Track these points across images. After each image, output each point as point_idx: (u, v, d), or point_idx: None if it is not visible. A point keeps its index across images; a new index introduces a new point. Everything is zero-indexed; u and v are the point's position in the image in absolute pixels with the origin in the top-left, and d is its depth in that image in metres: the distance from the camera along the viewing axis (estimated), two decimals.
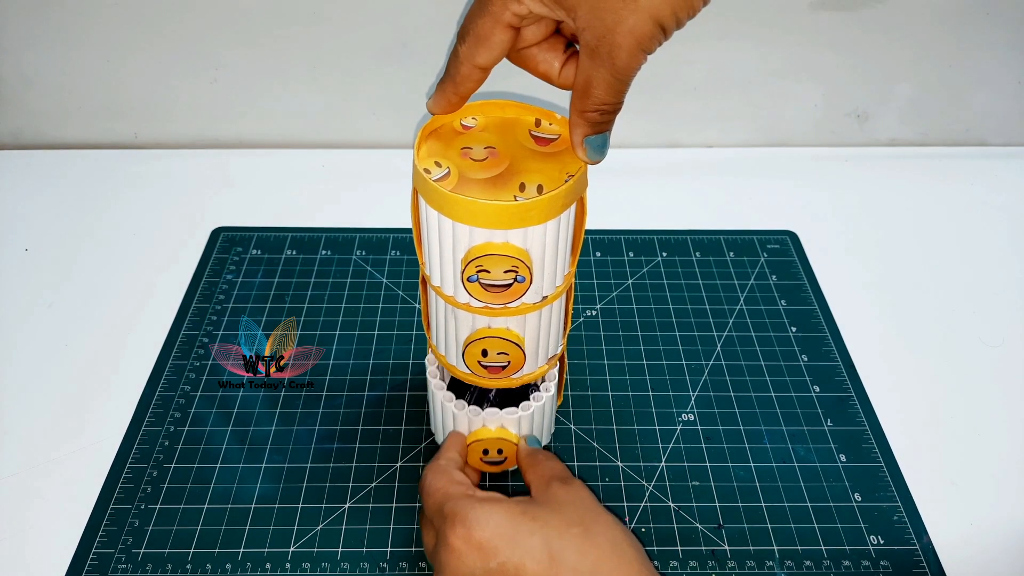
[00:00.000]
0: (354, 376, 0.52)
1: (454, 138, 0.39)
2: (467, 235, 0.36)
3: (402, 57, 0.66)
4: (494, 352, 0.40)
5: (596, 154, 0.36)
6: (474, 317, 0.39)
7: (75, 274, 0.59)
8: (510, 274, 0.37)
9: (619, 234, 0.62)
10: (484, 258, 0.36)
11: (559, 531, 0.36)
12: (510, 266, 0.36)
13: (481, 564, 0.35)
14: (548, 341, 0.42)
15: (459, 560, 0.35)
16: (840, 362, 0.53)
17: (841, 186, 0.68)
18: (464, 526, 0.36)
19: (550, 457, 0.42)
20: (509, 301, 0.38)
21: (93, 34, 0.65)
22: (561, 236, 0.38)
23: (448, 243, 0.37)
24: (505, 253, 0.36)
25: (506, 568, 0.35)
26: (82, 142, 0.71)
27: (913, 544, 0.44)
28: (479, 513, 0.36)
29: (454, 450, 0.43)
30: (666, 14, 0.32)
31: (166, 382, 0.51)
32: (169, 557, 0.42)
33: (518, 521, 0.36)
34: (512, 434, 0.44)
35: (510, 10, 0.34)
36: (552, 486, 0.39)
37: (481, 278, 0.37)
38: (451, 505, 0.37)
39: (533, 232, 0.36)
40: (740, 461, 0.47)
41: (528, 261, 0.37)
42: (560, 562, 0.35)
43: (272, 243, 0.61)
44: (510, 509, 0.36)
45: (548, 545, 0.35)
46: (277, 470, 0.46)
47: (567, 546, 0.35)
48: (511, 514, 0.36)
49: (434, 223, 0.37)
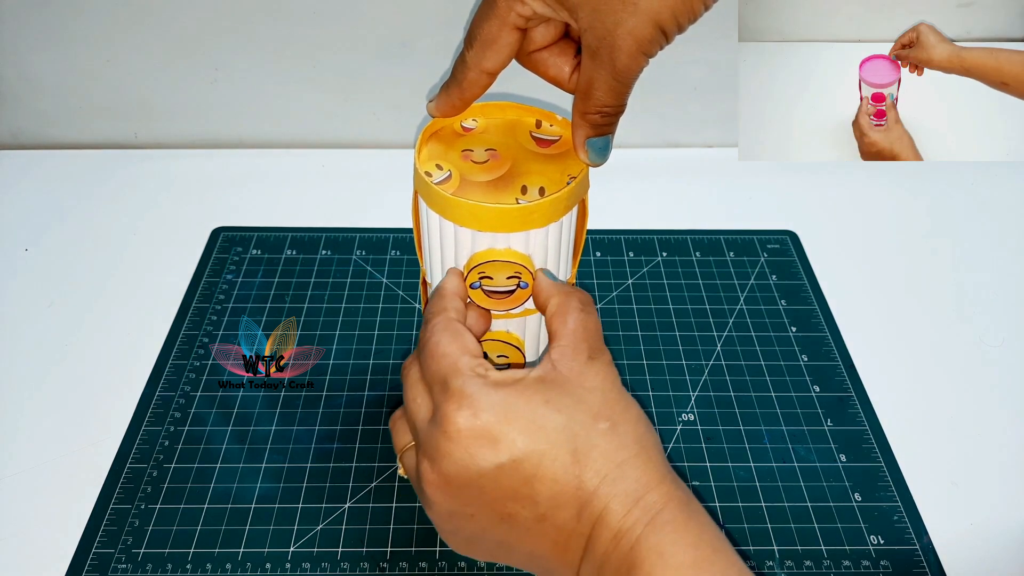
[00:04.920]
0: (354, 376, 0.52)
1: (455, 140, 0.39)
2: (469, 241, 0.36)
3: (402, 57, 0.66)
4: (494, 355, 0.40)
5: (598, 156, 0.36)
6: None
7: (75, 274, 0.59)
8: (513, 280, 0.36)
9: (619, 234, 0.62)
10: (487, 264, 0.36)
11: (585, 426, 0.31)
12: (513, 272, 0.36)
13: (491, 457, 0.30)
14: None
15: (463, 449, 0.30)
16: (840, 362, 0.53)
17: (841, 186, 0.68)
18: (472, 409, 0.30)
19: (585, 304, 0.35)
20: (512, 307, 0.38)
21: (93, 34, 0.65)
22: (564, 239, 0.37)
23: (450, 250, 0.37)
24: (508, 259, 0.36)
25: (521, 466, 0.30)
26: (82, 142, 0.71)
27: (913, 544, 0.44)
28: (493, 398, 0.31)
29: (459, 296, 0.36)
30: (666, 17, 0.32)
31: (166, 382, 0.51)
32: (169, 557, 0.42)
33: (539, 412, 0.31)
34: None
35: (515, 11, 0.34)
36: (579, 358, 0.33)
37: (484, 285, 0.37)
38: (460, 381, 0.31)
39: (535, 236, 0.36)
40: (740, 461, 0.47)
41: (531, 266, 0.36)
42: (584, 463, 0.30)
43: (272, 243, 0.61)
44: (530, 397, 0.31)
45: (572, 442, 0.30)
46: (277, 470, 0.46)
47: (593, 444, 0.31)
48: (531, 402, 0.31)
49: (435, 229, 0.37)
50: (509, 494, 0.31)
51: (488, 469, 0.30)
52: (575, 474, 0.30)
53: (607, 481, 0.30)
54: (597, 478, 0.30)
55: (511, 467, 0.30)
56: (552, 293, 0.35)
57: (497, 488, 0.31)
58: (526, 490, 0.30)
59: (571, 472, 0.30)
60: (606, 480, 0.30)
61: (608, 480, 0.30)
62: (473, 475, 0.30)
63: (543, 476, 0.30)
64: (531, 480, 0.30)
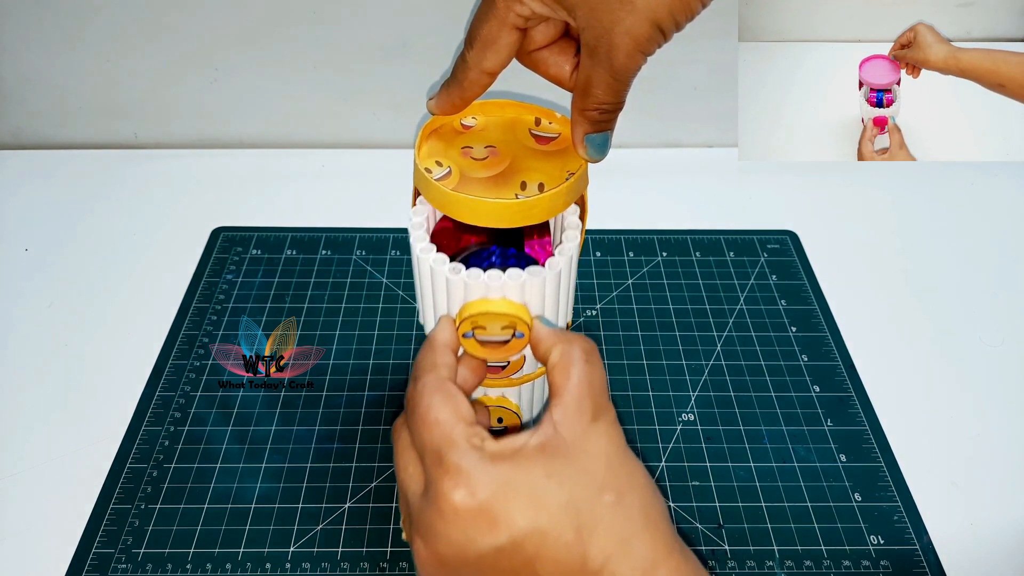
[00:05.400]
0: (354, 376, 0.52)
1: (455, 137, 0.39)
2: (461, 290, 0.35)
3: (402, 57, 0.66)
4: (492, 419, 0.40)
5: (597, 152, 0.36)
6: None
7: (75, 274, 0.59)
8: (508, 330, 0.35)
9: (619, 234, 0.62)
10: (479, 315, 0.34)
11: (589, 500, 0.29)
12: (507, 323, 0.35)
13: (489, 539, 0.28)
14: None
15: (459, 531, 0.28)
16: (840, 362, 0.53)
17: (841, 186, 0.68)
18: (468, 487, 0.28)
19: (589, 353, 0.32)
20: (508, 356, 0.36)
21: (93, 34, 0.65)
22: (562, 286, 0.36)
23: (442, 298, 0.35)
24: (502, 311, 0.34)
25: (522, 547, 0.28)
26: (82, 142, 0.71)
27: (913, 544, 0.44)
28: (491, 474, 0.28)
29: (451, 350, 0.34)
30: (663, 15, 0.31)
31: (166, 382, 0.51)
32: (169, 557, 0.42)
33: (540, 486, 0.29)
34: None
35: (513, 11, 0.34)
36: (583, 419, 0.30)
37: (477, 334, 0.35)
38: (455, 456, 0.29)
39: (531, 285, 0.34)
40: (740, 461, 0.47)
41: (527, 317, 0.34)
42: (588, 540, 0.28)
43: (272, 243, 0.61)
44: (530, 470, 0.29)
45: (575, 518, 0.28)
46: (277, 470, 0.46)
47: (598, 520, 0.29)
48: (532, 476, 0.29)
49: (427, 277, 0.36)
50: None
51: (487, 551, 0.28)
52: (579, 552, 0.28)
53: (613, 559, 0.29)
54: (602, 556, 0.28)
55: (511, 549, 0.28)
56: (553, 343, 0.33)
57: (496, 571, 0.29)
58: (527, 572, 0.29)
59: (575, 551, 0.28)
60: (612, 559, 0.29)
61: (614, 558, 0.29)
62: (471, 557, 0.28)
63: (545, 557, 0.28)
64: (532, 562, 0.28)
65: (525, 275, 0.34)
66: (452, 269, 0.35)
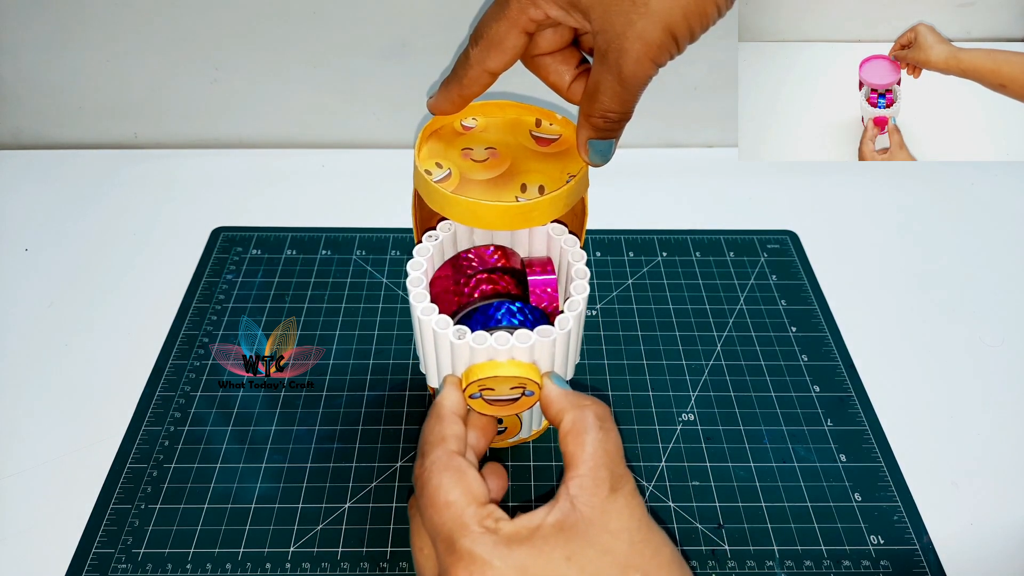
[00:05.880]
0: (354, 376, 0.52)
1: (455, 139, 0.39)
2: (467, 354, 0.34)
3: (402, 57, 0.66)
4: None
5: (599, 158, 0.36)
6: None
7: (75, 274, 0.59)
8: (517, 390, 0.34)
9: (619, 234, 0.62)
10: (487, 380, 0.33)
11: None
12: (517, 384, 0.34)
13: None
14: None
15: None
16: (840, 362, 0.53)
17: (841, 186, 0.68)
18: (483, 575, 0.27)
19: (603, 419, 0.31)
20: (517, 412, 0.35)
21: (93, 34, 0.65)
22: (572, 341, 0.36)
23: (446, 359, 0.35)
24: (511, 374, 0.33)
25: None
26: (82, 142, 0.71)
27: (913, 544, 0.44)
28: (507, 561, 0.27)
29: (459, 417, 0.33)
30: (678, 19, 0.30)
31: (166, 382, 0.51)
32: (169, 557, 0.42)
33: (559, 569, 0.27)
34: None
35: (527, 15, 0.33)
36: (600, 491, 0.29)
37: (485, 395, 0.34)
38: (468, 542, 0.28)
39: (540, 345, 0.34)
40: (740, 461, 0.47)
41: (536, 377, 0.33)
42: None
43: (272, 243, 0.61)
44: (549, 554, 0.27)
45: None
46: (277, 470, 0.46)
47: None
48: (551, 561, 0.27)
49: (429, 339, 0.35)
50: None
51: None
52: None
53: None
54: None
55: None
56: (564, 407, 0.31)
57: None
58: None
59: None
60: None
61: None
62: None
63: None
64: None
65: (535, 337, 0.33)
66: (456, 333, 0.34)
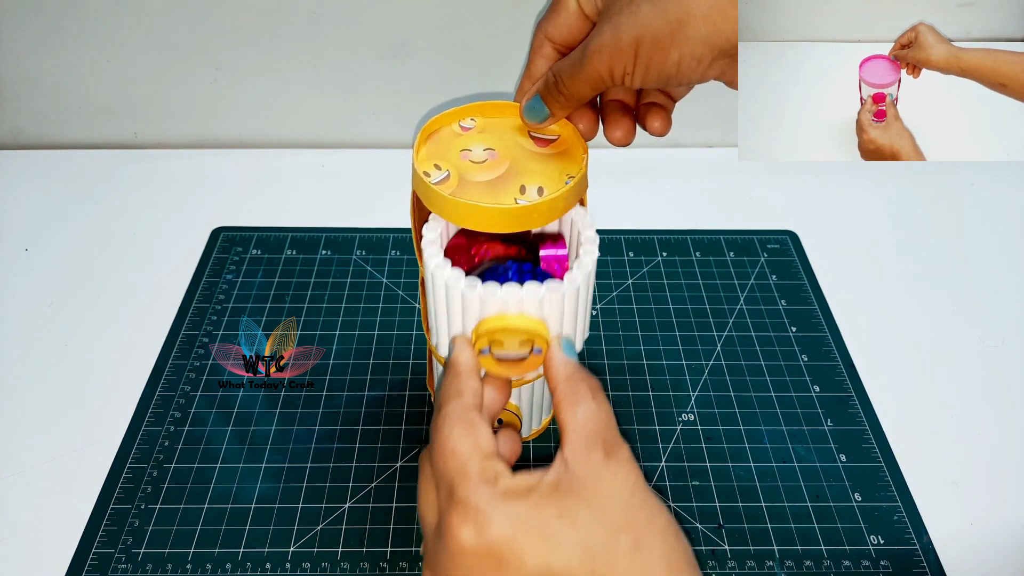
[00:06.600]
0: (354, 376, 0.52)
1: (453, 140, 0.39)
2: (477, 306, 0.34)
3: (402, 57, 0.66)
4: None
5: (528, 114, 0.38)
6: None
7: (75, 274, 0.59)
8: (526, 345, 0.34)
9: (619, 234, 0.62)
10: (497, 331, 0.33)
11: (604, 542, 0.27)
12: (526, 337, 0.34)
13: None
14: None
15: (467, 570, 0.27)
16: (840, 362, 0.53)
17: (841, 186, 0.68)
18: (477, 525, 0.27)
19: (595, 391, 0.31)
20: (526, 373, 0.35)
21: (93, 34, 0.65)
22: (580, 300, 0.36)
23: (457, 314, 0.35)
24: (521, 326, 0.33)
25: None
26: (82, 142, 0.71)
27: (913, 544, 0.44)
28: (501, 512, 0.27)
29: (475, 374, 0.33)
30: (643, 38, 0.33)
31: (166, 382, 0.51)
32: (169, 557, 0.42)
33: (552, 527, 0.27)
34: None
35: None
36: (594, 455, 0.29)
37: (495, 350, 0.34)
38: (466, 490, 0.28)
39: (550, 300, 0.34)
40: (740, 461, 0.47)
41: (545, 332, 0.34)
42: None
43: (272, 243, 0.61)
44: (543, 509, 0.28)
45: (590, 563, 0.27)
46: (277, 470, 0.46)
47: (613, 563, 0.27)
48: (543, 515, 0.27)
49: (440, 294, 0.35)
50: None
51: None
52: None
53: None
54: None
55: None
56: (558, 379, 0.32)
57: None
58: None
59: None
60: None
61: None
62: None
63: None
64: None
65: (544, 290, 0.34)
66: (468, 285, 0.34)
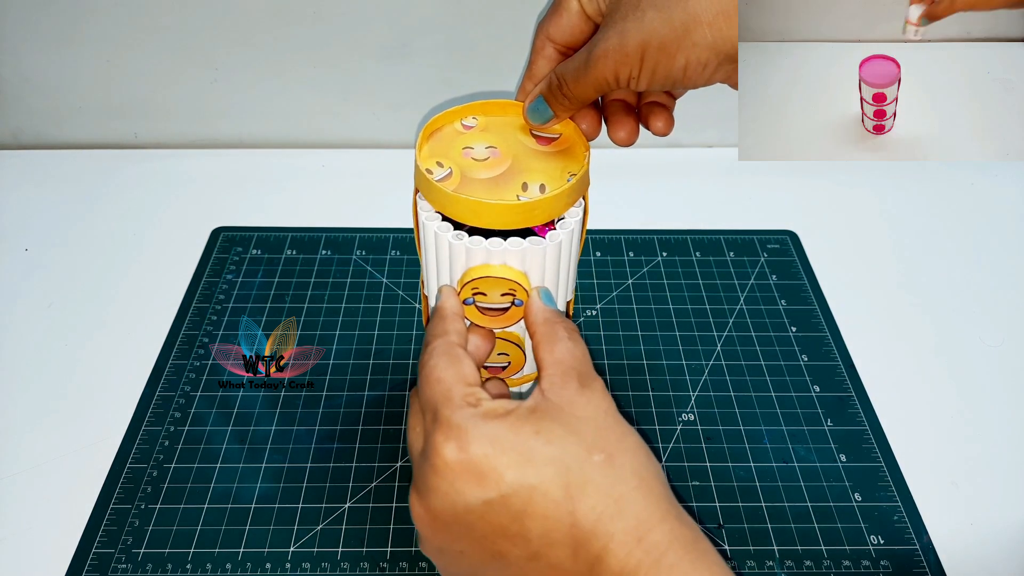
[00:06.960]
0: (354, 376, 0.52)
1: (455, 138, 0.39)
2: (463, 256, 0.35)
3: (402, 57, 0.66)
4: (494, 352, 0.40)
5: (531, 115, 0.38)
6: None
7: (75, 274, 0.59)
8: (507, 297, 0.36)
9: (619, 234, 0.62)
10: (480, 280, 0.35)
11: (578, 458, 0.29)
12: (507, 289, 0.35)
13: (479, 493, 0.29)
14: None
15: (449, 484, 0.29)
16: (840, 362, 0.53)
17: (841, 186, 0.68)
18: (459, 441, 0.29)
19: (571, 332, 0.34)
20: (507, 325, 0.37)
21: (93, 34, 0.65)
22: (563, 258, 0.36)
23: (445, 263, 0.36)
24: (502, 276, 0.35)
25: (510, 502, 0.29)
26: (82, 142, 0.71)
27: (913, 544, 0.44)
28: (481, 430, 0.29)
29: (460, 317, 0.35)
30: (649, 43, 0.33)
31: (166, 382, 0.51)
32: (169, 557, 0.42)
33: (529, 443, 0.29)
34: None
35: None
36: (569, 386, 0.31)
37: (478, 301, 0.36)
38: (449, 411, 0.30)
39: (531, 253, 0.35)
40: (740, 461, 0.47)
41: (526, 284, 0.35)
42: (577, 498, 0.29)
43: (272, 243, 0.61)
44: (520, 428, 0.30)
45: (564, 476, 0.29)
46: (277, 470, 0.46)
47: (587, 478, 0.29)
48: (520, 433, 0.29)
49: (431, 241, 0.36)
50: (499, 531, 0.29)
51: (475, 505, 0.29)
52: (568, 510, 0.28)
53: (604, 518, 0.29)
54: (593, 515, 0.28)
55: (499, 503, 0.29)
56: (537, 322, 0.34)
57: (486, 525, 0.29)
58: (516, 527, 0.29)
59: (563, 508, 0.28)
60: (603, 517, 0.29)
61: (605, 517, 0.29)
62: (460, 511, 0.29)
63: (534, 512, 0.29)
64: (521, 516, 0.29)
65: (526, 243, 0.35)
66: (455, 235, 0.35)
